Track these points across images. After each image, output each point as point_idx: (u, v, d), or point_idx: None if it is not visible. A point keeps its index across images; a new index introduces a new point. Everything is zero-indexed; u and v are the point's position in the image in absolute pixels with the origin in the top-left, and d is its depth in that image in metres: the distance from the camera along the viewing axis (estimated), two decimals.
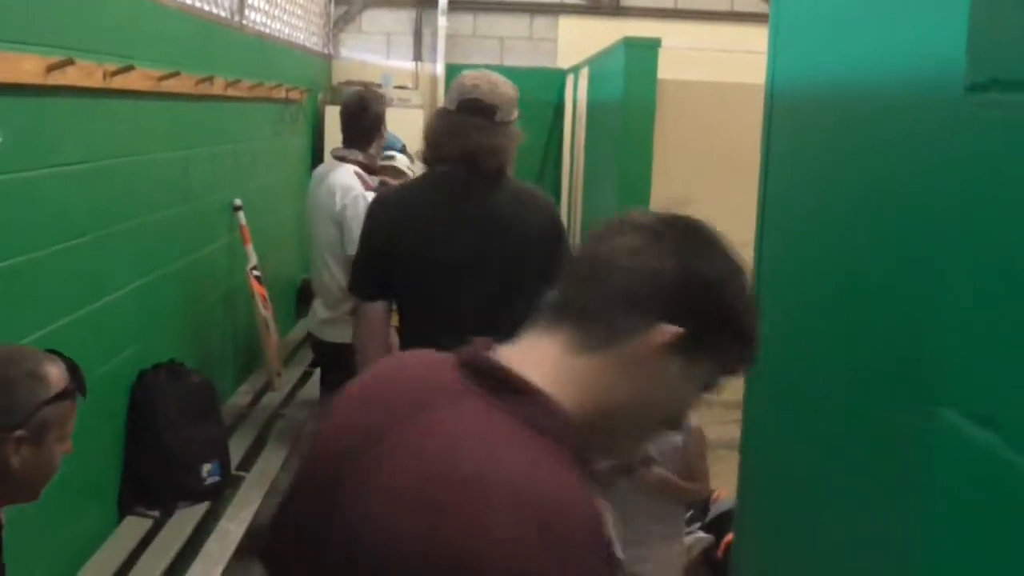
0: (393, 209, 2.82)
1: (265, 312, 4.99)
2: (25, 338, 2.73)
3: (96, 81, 3.12)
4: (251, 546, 3.34)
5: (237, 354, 5.12)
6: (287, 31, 6.37)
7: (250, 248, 5.01)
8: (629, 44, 4.67)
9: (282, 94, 5.91)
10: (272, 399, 4.95)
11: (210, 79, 4.29)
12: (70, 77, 2.89)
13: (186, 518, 3.52)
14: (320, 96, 7.42)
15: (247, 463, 4.14)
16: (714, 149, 4.74)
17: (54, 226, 2.93)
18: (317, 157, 7.30)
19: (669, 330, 1.10)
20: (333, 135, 7.27)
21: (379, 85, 7.64)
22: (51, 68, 2.77)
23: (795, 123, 2.14)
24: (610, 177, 4.98)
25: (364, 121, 4.09)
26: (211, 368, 4.45)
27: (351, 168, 4.00)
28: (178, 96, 3.96)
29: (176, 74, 3.77)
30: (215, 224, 4.69)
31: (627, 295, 1.12)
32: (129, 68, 3.28)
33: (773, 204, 2.26)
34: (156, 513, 3.54)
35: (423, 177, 2.87)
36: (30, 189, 2.76)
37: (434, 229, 2.71)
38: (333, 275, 3.98)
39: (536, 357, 1.14)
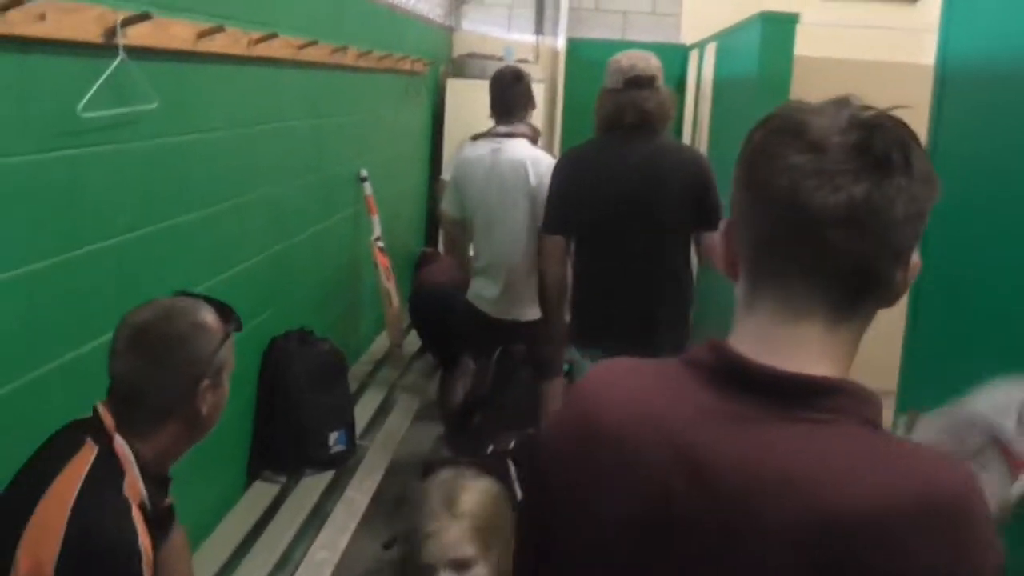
0: (576, 161, 3.44)
1: (387, 283, 5.02)
2: None
3: (241, 48, 3.14)
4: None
5: (358, 323, 5.16)
6: (412, 2, 6.36)
7: (375, 219, 5.04)
8: (766, 19, 4.51)
9: (407, 66, 5.91)
10: (392, 369, 4.98)
11: (344, 49, 4.30)
12: (218, 44, 2.91)
13: (312, 485, 3.57)
14: (442, 69, 7.42)
15: (370, 432, 4.17)
16: None
17: (201, 191, 2.97)
18: (437, 130, 7.31)
19: (916, 258, 1.03)
20: (455, 108, 7.29)
21: (500, 58, 7.60)
22: (201, 35, 2.80)
23: (973, 101, 2.03)
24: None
25: (520, 92, 4.03)
26: (335, 337, 4.49)
27: (524, 141, 3.95)
28: (314, 65, 3.98)
29: (314, 43, 3.78)
30: (342, 194, 4.72)
31: (893, 245, 1.00)
32: (272, 36, 3.30)
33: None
34: (283, 479, 3.59)
35: (598, 139, 3.44)
36: (179, 154, 2.80)
37: (604, 177, 3.32)
38: (527, 251, 3.88)
39: (798, 344, 1.02)
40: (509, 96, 4.05)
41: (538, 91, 7.21)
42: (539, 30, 7.97)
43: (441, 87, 7.33)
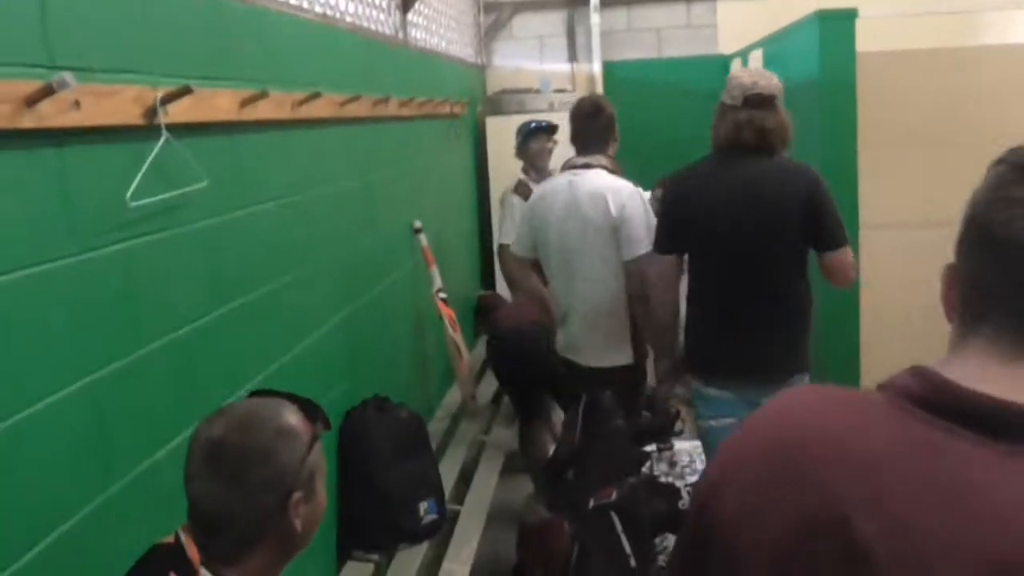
0: (690, 180, 3.39)
1: (455, 335, 4.83)
2: (245, 386, 2.60)
3: (285, 112, 2.98)
4: None
5: (428, 381, 4.97)
6: (443, 44, 6.22)
7: (434, 270, 4.85)
8: (823, 17, 4.30)
9: (447, 109, 5.75)
10: (468, 424, 4.78)
11: (385, 100, 4.14)
12: (261, 111, 2.75)
13: (408, 560, 3.36)
14: (479, 108, 7.26)
15: (458, 495, 3.97)
16: (918, 121, 4.34)
17: (260, 267, 2.79)
18: (481, 171, 7.15)
19: None
20: (496, 147, 7.12)
21: (538, 90, 7.45)
22: (244, 102, 2.63)
23: None
24: (809, 160, 4.63)
25: (601, 122, 3.86)
26: (409, 400, 4.30)
27: (602, 172, 3.76)
28: (358, 120, 3.82)
29: (357, 98, 3.62)
30: (399, 249, 4.55)
31: None
32: (316, 95, 3.13)
33: None
34: (376, 556, 3.39)
35: (711, 159, 3.39)
36: (235, 232, 2.63)
37: (719, 197, 3.25)
38: (609, 293, 3.71)
39: (1018, 379, 0.92)
40: (588, 127, 3.88)
41: None
42: (572, 57, 7.80)
43: (480, 127, 7.17)
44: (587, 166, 3.77)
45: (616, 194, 3.63)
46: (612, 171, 3.79)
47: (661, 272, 3.45)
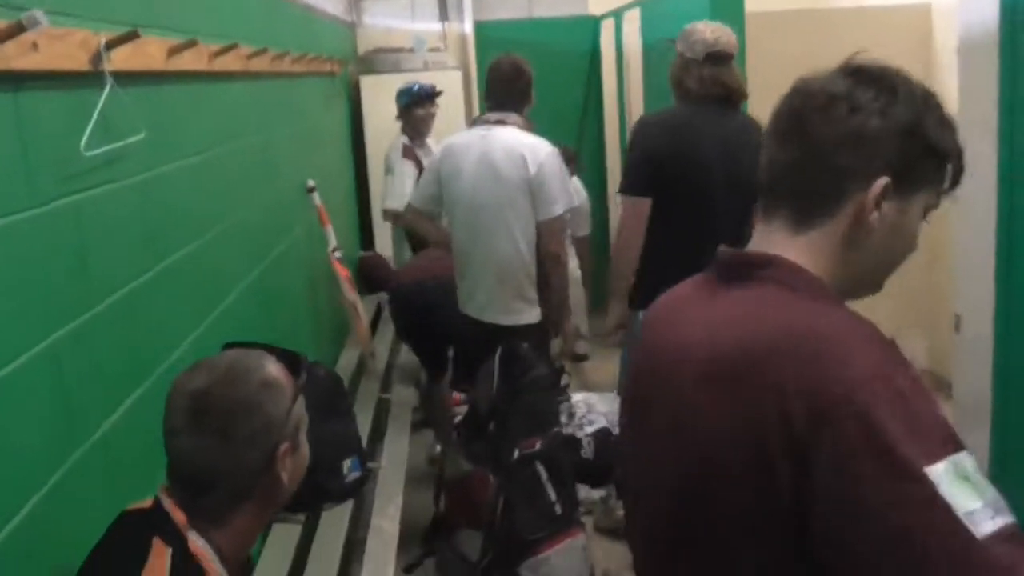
0: (664, 126, 3.52)
1: (351, 294, 4.77)
2: (179, 347, 2.52)
3: (204, 63, 2.87)
4: None
5: (325, 341, 4.91)
6: (320, 1, 6.08)
7: (329, 229, 4.77)
8: None
9: (327, 67, 5.64)
10: (370, 384, 4.74)
11: (282, 55, 4.04)
12: (186, 61, 2.65)
13: (335, 519, 3.33)
14: (351, 67, 7.14)
15: (372, 453, 3.95)
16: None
17: (187, 224, 2.70)
18: (356, 131, 7.05)
19: (879, 184, 1.21)
20: (371, 107, 7.03)
21: (411, 50, 7.38)
22: (172, 52, 2.53)
23: None
24: None
25: (520, 84, 3.86)
26: (313, 359, 4.24)
27: (515, 130, 3.75)
28: (260, 75, 3.71)
29: (263, 51, 3.52)
30: (296, 207, 4.46)
31: (834, 167, 1.23)
32: (233, 47, 3.03)
33: None
34: (302, 518, 3.34)
35: (683, 107, 3.54)
36: (166, 186, 2.53)
37: (701, 144, 3.40)
38: (519, 250, 3.72)
39: (769, 245, 1.30)
40: (507, 88, 3.88)
41: (455, 79, 7.07)
42: (444, 16, 7.77)
43: (354, 86, 7.06)
44: (501, 123, 3.77)
45: (534, 152, 3.65)
46: (525, 130, 3.81)
47: (635, 211, 3.54)
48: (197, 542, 1.54)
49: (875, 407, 1.04)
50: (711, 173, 3.40)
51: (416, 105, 5.35)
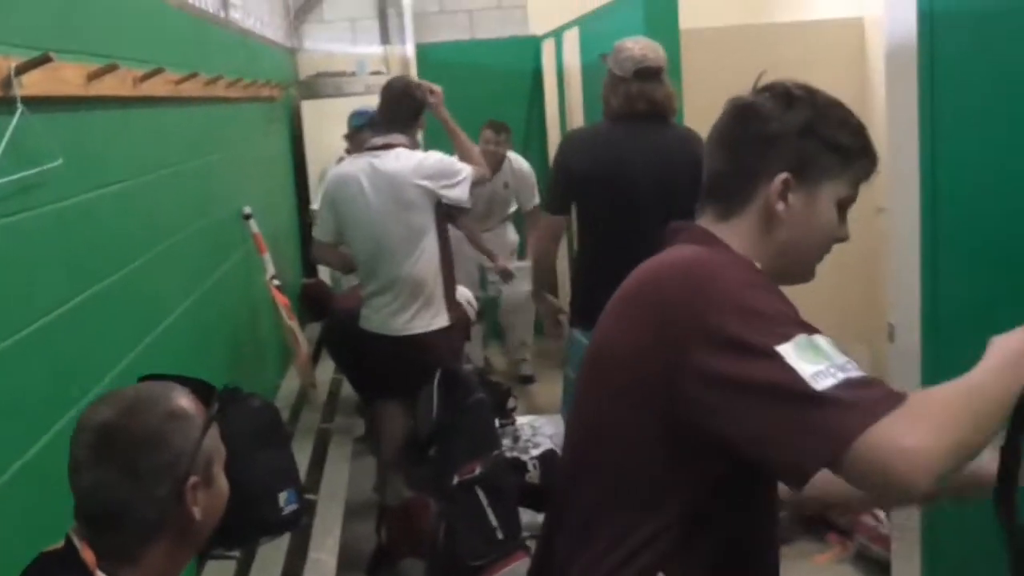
0: (588, 143, 3.59)
1: (291, 322, 4.70)
2: (104, 378, 2.44)
3: (128, 89, 2.81)
4: None
5: (265, 370, 4.83)
6: (259, 26, 6.03)
7: (267, 257, 4.71)
8: None
9: (266, 92, 5.58)
10: (311, 413, 4.66)
11: (215, 80, 3.98)
12: (107, 86, 2.59)
13: (271, 553, 3.25)
14: (292, 92, 7.08)
15: (311, 484, 3.86)
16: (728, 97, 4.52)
17: (112, 252, 2.63)
18: (298, 156, 6.99)
19: (779, 179, 1.45)
20: (313, 132, 6.97)
21: (353, 73, 7.34)
22: (92, 76, 2.47)
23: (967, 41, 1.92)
24: None
25: (406, 106, 3.89)
26: (251, 389, 4.15)
27: (401, 149, 3.76)
28: (191, 100, 3.65)
29: (194, 75, 3.46)
30: (231, 235, 4.39)
31: (746, 167, 1.50)
32: (158, 71, 2.97)
33: (947, 136, 2.02)
34: (237, 553, 3.26)
35: (608, 125, 3.57)
36: (88, 214, 2.46)
37: (627, 160, 3.42)
38: (425, 262, 3.82)
39: (704, 230, 1.55)
40: (395, 109, 3.93)
41: None
42: (386, 40, 7.72)
43: (295, 111, 7.00)
44: (387, 146, 3.79)
45: (420, 167, 3.76)
46: (410, 148, 3.88)
47: (552, 229, 3.68)
48: None
49: (731, 316, 1.32)
50: (639, 187, 3.40)
51: (368, 129, 5.34)
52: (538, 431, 5.14)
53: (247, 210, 4.64)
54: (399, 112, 3.90)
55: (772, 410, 1.24)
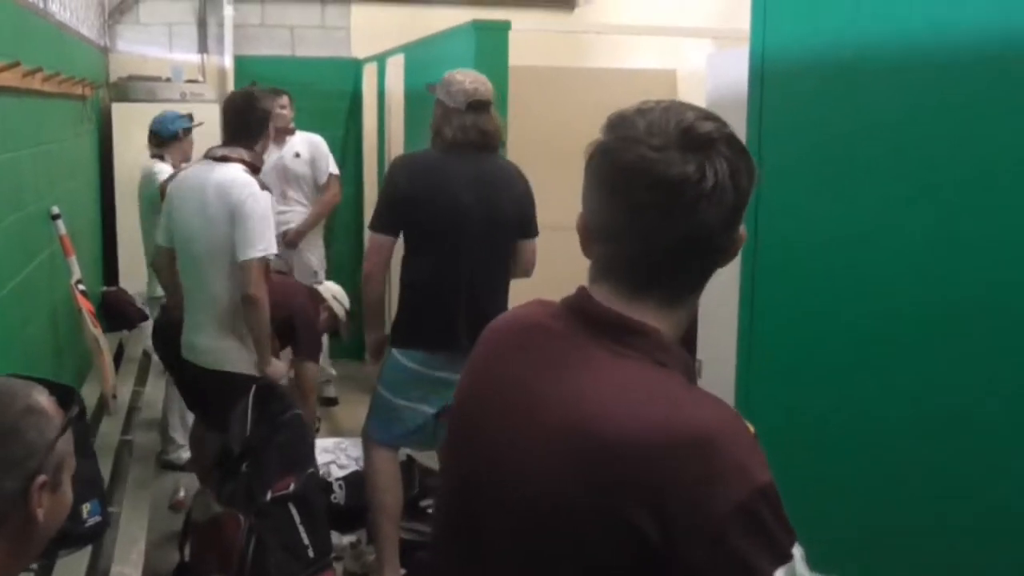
0: (420, 167, 3.63)
1: (95, 329, 4.53)
2: None
3: None
4: None
5: (64, 378, 4.61)
6: (74, 20, 5.80)
7: (73, 260, 4.53)
8: (479, 27, 4.51)
9: (79, 90, 5.37)
10: (111, 424, 4.50)
11: (34, 72, 3.81)
12: None
13: (72, 567, 3.12)
14: (102, 93, 6.83)
15: (113, 496, 3.73)
16: (561, 138, 4.68)
17: None
18: (106, 159, 6.73)
19: (738, 243, 1.26)
20: (123, 135, 6.72)
21: (168, 79, 7.14)
22: None
23: (804, 93, 2.10)
24: None
25: (251, 118, 3.81)
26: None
27: (237, 167, 3.68)
28: (7, 90, 3.49)
29: (16, 64, 3.32)
30: (39, 235, 4.20)
31: (676, 248, 1.22)
32: None
33: (773, 190, 2.17)
34: (34, 566, 3.11)
35: (437, 153, 3.65)
36: None
37: (455, 187, 3.54)
38: (225, 288, 3.67)
39: (625, 303, 1.26)
40: (238, 121, 3.86)
41: (212, 112, 6.87)
42: (203, 48, 7.56)
43: (105, 113, 6.76)
44: (225, 158, 3.73)
45: (240, 191, 3.62)
46: (252, 166, 3.79)
47: (380, 249, 3.66)
48: None
49: (737, 532, 1.10)
50: (465, 214, 3.53)
51: (188, 135, 5.32)
52: (341, 453, 5.13)
53: (55, 210, 4.46)
54: (241, 124, 3.82)
55: None
